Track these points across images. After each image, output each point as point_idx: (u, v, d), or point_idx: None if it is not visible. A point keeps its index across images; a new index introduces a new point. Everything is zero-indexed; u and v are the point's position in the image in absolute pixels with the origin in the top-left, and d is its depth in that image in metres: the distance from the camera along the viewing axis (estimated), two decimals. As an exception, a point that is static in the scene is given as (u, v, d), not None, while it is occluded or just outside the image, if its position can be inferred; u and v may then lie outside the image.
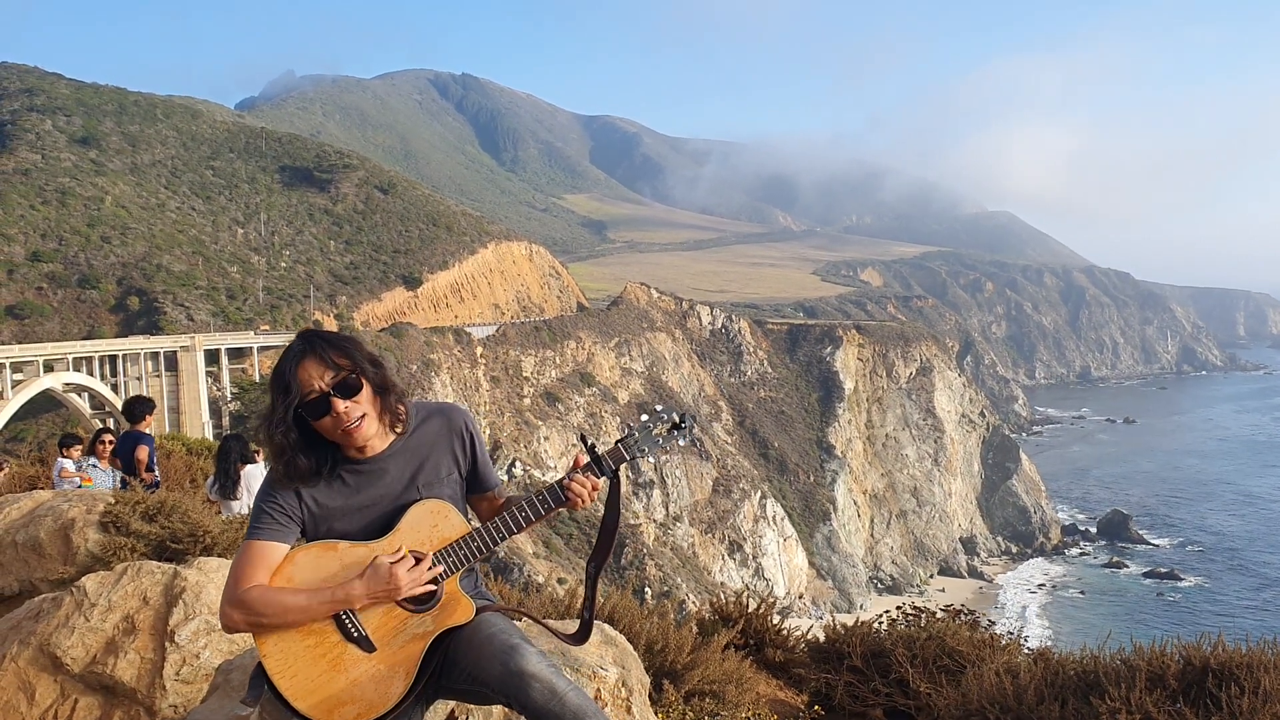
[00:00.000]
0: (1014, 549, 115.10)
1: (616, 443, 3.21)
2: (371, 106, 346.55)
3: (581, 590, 6.97)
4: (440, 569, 2.97)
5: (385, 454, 3.05)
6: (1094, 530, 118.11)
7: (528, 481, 78.32)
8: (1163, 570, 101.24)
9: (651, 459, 3.32)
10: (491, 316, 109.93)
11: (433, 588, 2.95)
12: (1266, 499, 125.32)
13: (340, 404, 2.92)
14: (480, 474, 3.22)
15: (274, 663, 2.83)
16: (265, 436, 2.98)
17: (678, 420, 3.22)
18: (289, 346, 3.01)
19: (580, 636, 3.24)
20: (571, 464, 3.12)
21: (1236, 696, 4.33)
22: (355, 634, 2.88)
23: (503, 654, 2.87)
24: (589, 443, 3.18)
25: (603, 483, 3.13)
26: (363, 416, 2.96)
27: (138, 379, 72.52)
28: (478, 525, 3.06)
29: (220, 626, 2.90)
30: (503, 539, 3.04)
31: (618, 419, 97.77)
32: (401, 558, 2.91)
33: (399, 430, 3.08)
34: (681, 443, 3.23)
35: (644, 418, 3.22)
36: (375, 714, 2.84)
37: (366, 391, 2.98)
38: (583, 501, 3.06)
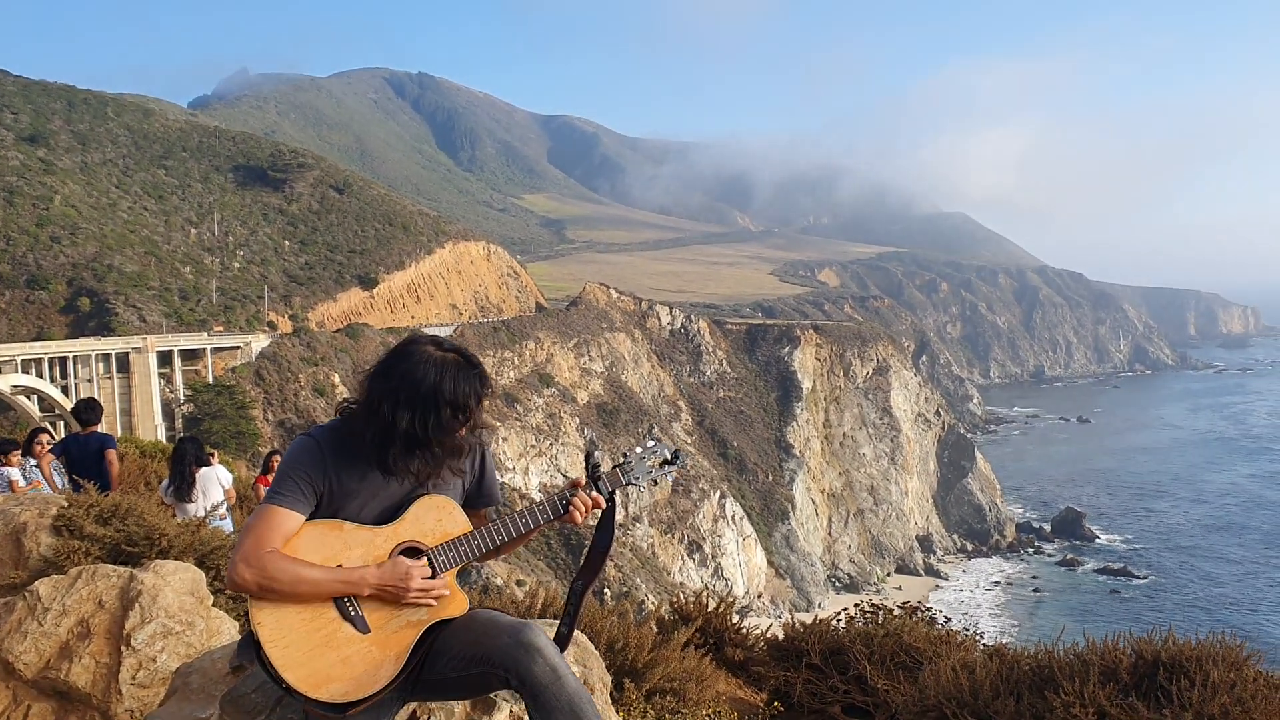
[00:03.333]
0: (970, 547, 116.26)
1: (614, 467, 3.32)
2: (327, 105, 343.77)
3: (542, 592, 7.00)
4: (446, 588, 3.05)
5: None
6: (1048, 528, 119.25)
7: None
8: (1116, 567, 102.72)
9: (643, 487, 3.40)
10: (449, 317, 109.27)
11: (434, 603, 3.02)
12: (1218, 496, 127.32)
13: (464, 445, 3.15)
14: (485, 490, 3.34)
15: (268, 631, 2.84)
16: (394, 420, 3.03)
17: (669, 456, 3.37)
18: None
19: (558, 649, 3.31)
20: (572, 481, 3.24)
21: (1187, 689, 4.41)
22: (352, 613, 2.93)
23: (513, 628, 2.99)
24: (594, 461, 3.28)
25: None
26: None
27: (89, 381, 71.36)
28: (480, 527, 3.15)
29: (227, 583, 2.91)
30: (502, 542, 3.14)
31: (577, 419, 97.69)
32: (421, 565, 2.99)
33: None
34: (670, 478, 3.41)
35: (638, 449, 3.36)
36: (364, 693, 2.87)
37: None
38: (580, 517, 3.18)
